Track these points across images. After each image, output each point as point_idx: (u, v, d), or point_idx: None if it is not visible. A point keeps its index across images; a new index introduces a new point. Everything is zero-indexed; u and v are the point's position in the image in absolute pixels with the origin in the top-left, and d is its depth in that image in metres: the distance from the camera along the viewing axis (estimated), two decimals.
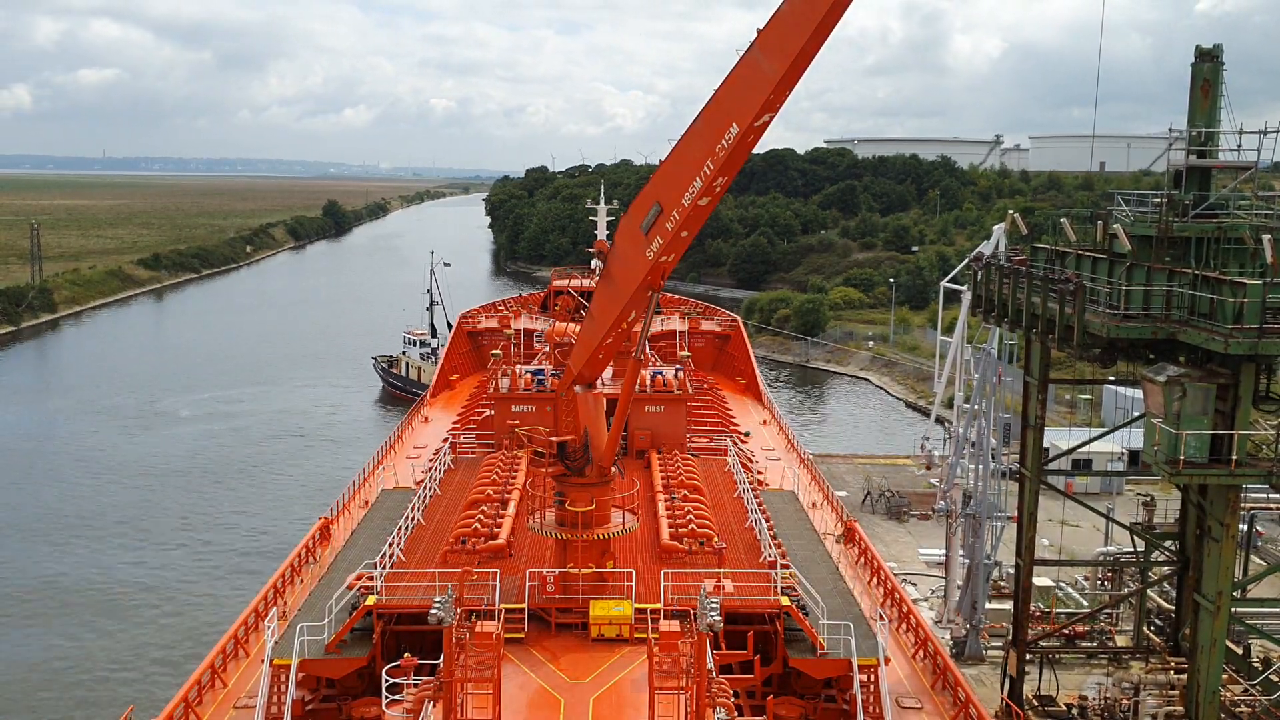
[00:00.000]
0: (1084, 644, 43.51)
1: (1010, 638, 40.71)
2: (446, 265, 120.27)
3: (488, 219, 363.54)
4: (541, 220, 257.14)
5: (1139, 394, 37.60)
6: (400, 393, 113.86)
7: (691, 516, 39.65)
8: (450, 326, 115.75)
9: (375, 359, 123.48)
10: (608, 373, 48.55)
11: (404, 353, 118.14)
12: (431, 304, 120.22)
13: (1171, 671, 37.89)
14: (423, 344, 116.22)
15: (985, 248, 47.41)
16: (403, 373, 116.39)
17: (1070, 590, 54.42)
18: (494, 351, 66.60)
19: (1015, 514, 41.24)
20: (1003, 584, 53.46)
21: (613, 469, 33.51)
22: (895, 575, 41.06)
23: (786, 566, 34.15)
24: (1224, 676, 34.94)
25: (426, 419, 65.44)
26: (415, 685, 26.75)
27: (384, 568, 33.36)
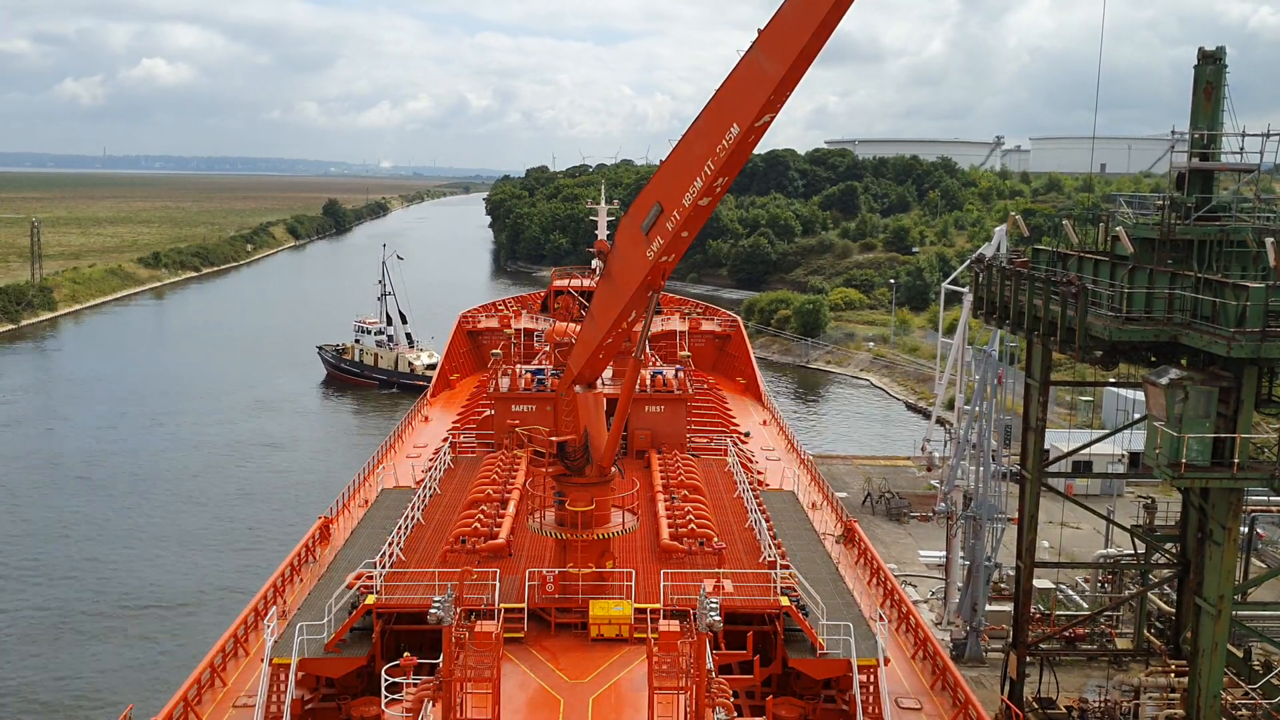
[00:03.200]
0: (1084, 646, 43.46)
1: (1010, 640, 40.66)
2: (400, 259, 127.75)
3: (488, 218, 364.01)
4: (542, 220, 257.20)
5: (1140, 396, 37.56)
6: (355, 379, 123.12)
7: (691, 516, 39.61)
8: (402, 315, 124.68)
9: (320, 347, 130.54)
10: (608, 373, 48.49)
11: (357, 340, 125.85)
12: (383, 294, 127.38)
13: (1172, 674, 37.84)
14: (378, 331, 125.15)
15: (986, 249, 47.41)
16: (355, 359, 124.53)
17: (1070, 593, 54.37)
18: (494, 351, 66.56)
19: (1016, 516, 41.19)
20: (1003, 586, 53.42)
21: (612, 469, 33.47)
22: (895, 576, 41.01)
23: (786, 567, 34.10)
24: (1225, 680, 34.87)
25: (426, 419, 65.37)
26: (415, 684, 26.71)
27: (384, 567, 33.31)
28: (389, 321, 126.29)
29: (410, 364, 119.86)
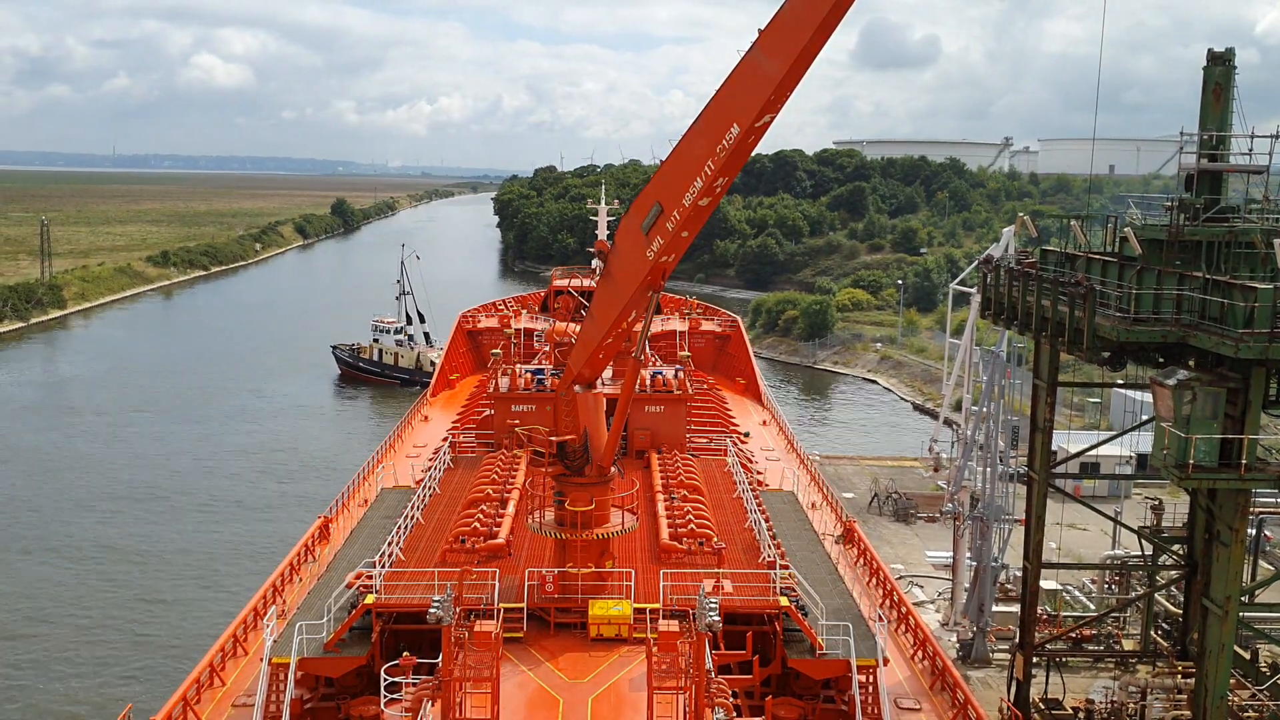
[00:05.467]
0: (1091, 648, 43.20)
1: (1017, 641, 40.42)
2: (417, 258, 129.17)
3: (496, 218, 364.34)
4: (550, 220, 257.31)
5: (1147, 398, 37.31)
6: (376, 377, 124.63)
7: (691, 517, 39.46)
8: (420, 315, 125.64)
9: (335, 347, 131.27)
10: (608, 373, 48.34)
11: (376, 340, 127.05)
12: (401, 293, 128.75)
13: (1179, 676, 37.56)
14: (396, 330, 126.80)
15: (994, 250, 47.16)
16: (375, 358, 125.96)
17: (1077, 594, 54.07)
18: (494, 351, 66.47)
19: (1023, 517, 40.93)
20: (1010, 587, 53.17)
21: (612, 469, 33.35)
22: (902, 577, 40.84)
23: (786, 567, 33.95)
24: (1231, 681, 34.57)
25: (426, 418, 65.30)
26: (414, 684, 26.63)
27: (383, 566, 33.22)
28: (408, 320, 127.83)
29: (433, 362, 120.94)
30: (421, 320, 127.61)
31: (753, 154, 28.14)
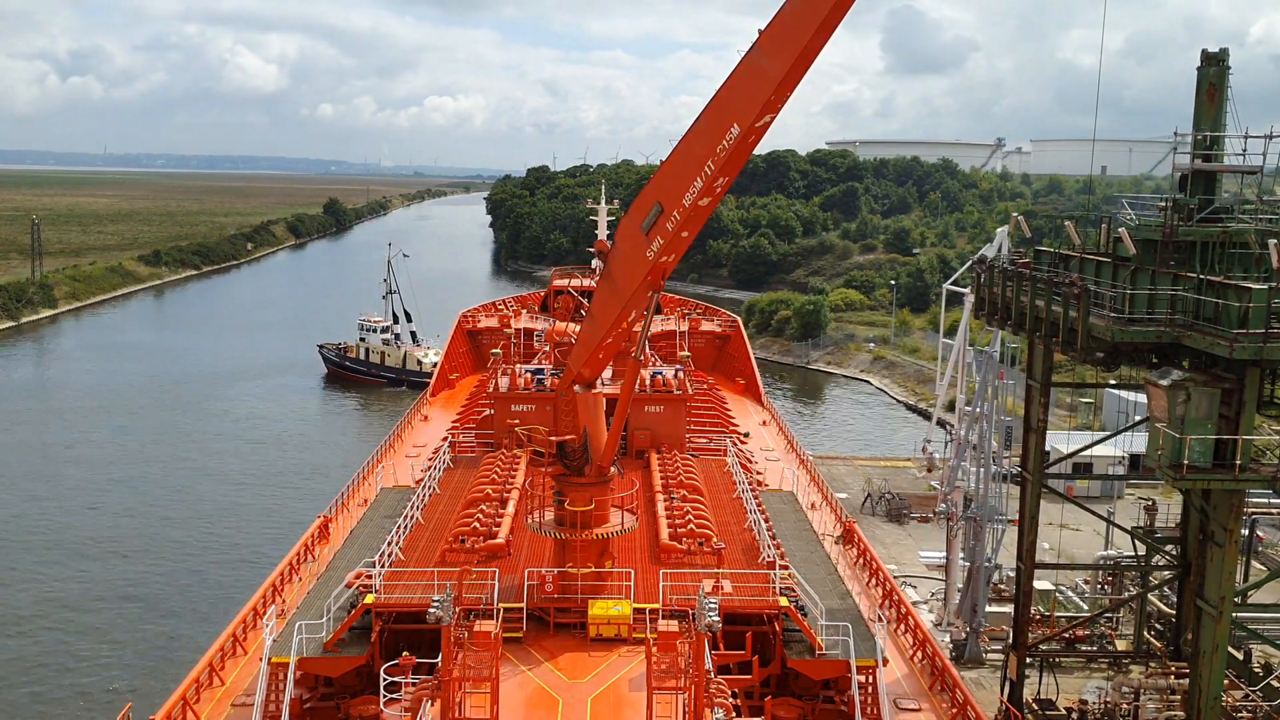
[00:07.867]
0: (1084, 648, 43.40)
1: (1010, 641, 40.60)
2: (405, 256, 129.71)
3: (488, 218, 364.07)
4: (543, 220, 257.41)
5: (1139, 398, 37.55)
6: (362, 376, 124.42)
7: (690, 517, 39.52)
8: (407, 314, 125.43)
9: (321, 346, 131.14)
10: (608, 373, 48.43)
11: (362, 339, 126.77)
12: (389, 292, 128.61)
13: (1172, 676, 37.81)
14: (384, 329, 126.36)
15: (988, 250, 47.33)
16: (361, 357, 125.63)
17: (1071, 594, 54.31)
18: (494, 351, 66.49)
19: (1016, 517, 41.13)
20: (1003, 587, 53.37)
21: (612, 469, 33.43)
22: (895, 578, 40.96)
23: (785, 567, 34.07)
24: (1225, 682, 34.80)
25: (426, 418, 65.31)
26: (413, 684, 26.68)
27: (383, 566, 33.26)
28: (395, 320, 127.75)
29: (419, 361, 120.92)
30: (409, 319, 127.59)
31: None
